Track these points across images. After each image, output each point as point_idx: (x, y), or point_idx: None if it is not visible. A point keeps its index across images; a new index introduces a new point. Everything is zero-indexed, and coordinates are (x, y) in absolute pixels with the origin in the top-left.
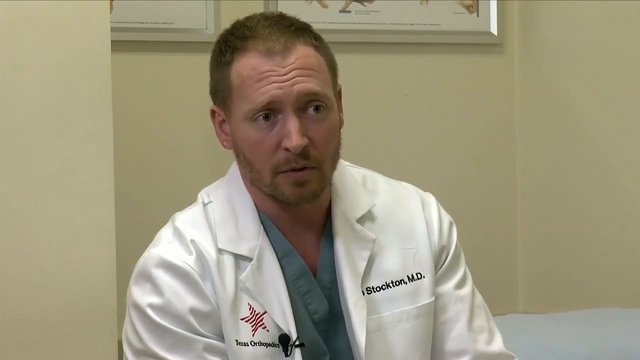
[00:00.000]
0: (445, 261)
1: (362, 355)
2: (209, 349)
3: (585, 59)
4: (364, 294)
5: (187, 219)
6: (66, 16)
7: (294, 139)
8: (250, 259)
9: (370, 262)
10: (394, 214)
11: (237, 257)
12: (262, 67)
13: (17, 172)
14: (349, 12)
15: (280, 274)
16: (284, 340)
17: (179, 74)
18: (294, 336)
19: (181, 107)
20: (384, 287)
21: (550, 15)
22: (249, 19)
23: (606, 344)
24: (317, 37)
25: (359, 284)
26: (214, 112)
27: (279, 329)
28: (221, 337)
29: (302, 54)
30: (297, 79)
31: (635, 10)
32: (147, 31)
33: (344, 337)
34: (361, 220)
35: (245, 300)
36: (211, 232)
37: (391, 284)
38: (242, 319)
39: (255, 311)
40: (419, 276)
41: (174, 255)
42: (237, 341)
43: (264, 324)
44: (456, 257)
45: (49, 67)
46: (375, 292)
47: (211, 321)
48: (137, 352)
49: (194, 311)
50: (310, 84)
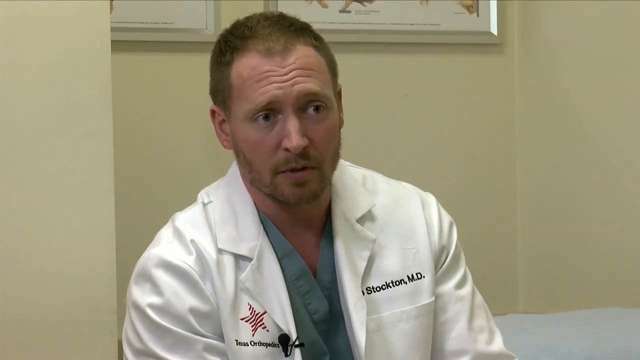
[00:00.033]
0: (445, 261)
1: (362, 355)
2: (209, 349)
3: (585, 59)
4: (364, 294)
5: (187, 219)
6: (66, 16)
7: (294, 139)
8: (250, 259)
9: (370, 262)
10: (394, 214)
11: (237, 257)
12: (262, 67)
13: (17, 172)
14: (349, 12)
15: (280, 274)
16: (284, 340)
17: (179, 74)
18: (294, 336)
19: (181, 107)
20: (384, 287)
21: (550, 15)
22: (249, 19)
23: (606, 344)
24: (317, 37)
25: (359, 284)
26: (214, 112)
27: (279, 329)
28: (221, 337)
29: (302, 54)
30: (297, 79)
31: (635, 10)
32: (147, 31)
33: (344, 337)
34: (361, 220)
35: (245, 300)
36: (211, 232)
37: (391, 284)
38: (242, 319)
39: (255, 311)
40: (419, 276)
41: (174, 255)
42: (237, 341)
43: (263, 324)
44: (456, 257)
45: (49, 67)
46: (375, 292)
47: (211, 321)
48: (137, 352)
49: (193, 311)
50: (310, 84)
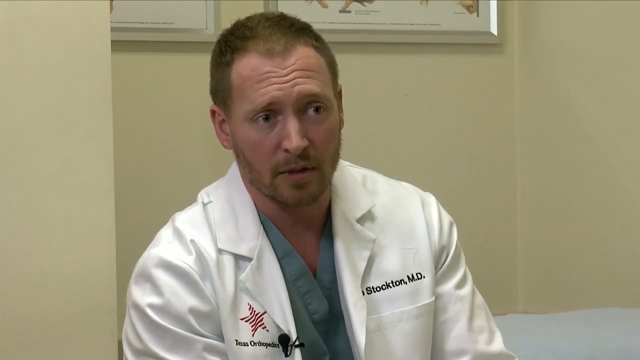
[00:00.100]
0: (445, 261)
1: (362, 355)
2: (209, 349)
3: (585, 59)
4: (364, 294)
5: (187, 219)
6: (66, 16)
7: (294, 140)
8: (250, 259)
9: (370, 262)
10: (394, 214)
11: (237, 257)
12: (263, 68)
13: (17, 172)
14: (349, 12)
15: (280, 274)
16: (284, 340)
17: (179, 74)
18: (294, 336)
19: (181, 107)
20: (384, 287)
21: (550, 15)
22: (250, 19)
23: (606, 344)
24: (317, 38)
25: (359, 284)
26: (214, 112)
27: (279, 329)
28: (221, 337)
29: (303, 54)
30: (297, 80)
31: (635, 10)
32: (147, 31)
33: (344, 337)
34: (361, 220)
35: (245, 300)
36: (211, 232)
37: (391, 284)
38: (242, 319)
39: (255, 311)
40: (419, 276)
41: (173, 255)
42: (236, 341)
43: (263, 324)
44: (456, 257)
45: (49, 67)
46: (375, 292)
47: (211, 321)
48: (137, 352)
49: (193, 311)
50: (310, 85)
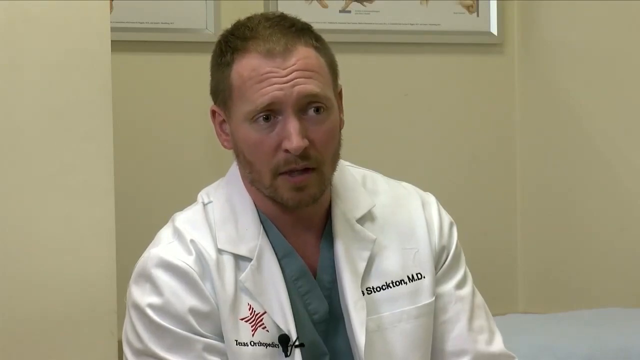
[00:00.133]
0: (445, 261)
1: (362, 355)
2: (209, 349)
3: (585, 59)
4: (364, 294)
5: (187, 219)
6: (66, 16)
7: (294, 141)
8: (250, 259)
9: (370, 262)
10: (394, 214)
11: (237, 258)
12: (263, 68)
13: (17, 172)
14: (349, 12)
15: (280, 274)
16: (284, 340)
17: (179, 74)
18: (294, 336)
19: (181, 107)
20: (384, 287)
21: (550, 15)
22: (250, 19)
23: (606, 344)
24: (318, 38)
25: (359, 284)
26: (214, 112)
27: (279, 329)
28: (221, 337)
29: (303, 55)
30: (297, 80)
31: (635, 10)
32: (147, 31)
33: (344, 337)
34: (361, 220)
35: (245, 300)
36: (211, 232)
37: (391, 284)
38: (242, 319)
39: (255, 311)
40: (419, 276)
41: (173, 255)
42: (236, 341)
43: (263, 324)
44: (456, 257)
45: (49, 67)
46: (375, 292)
47: (211, 321)
48: (137, 352)
49: (193, 311)
50: (310, 86)
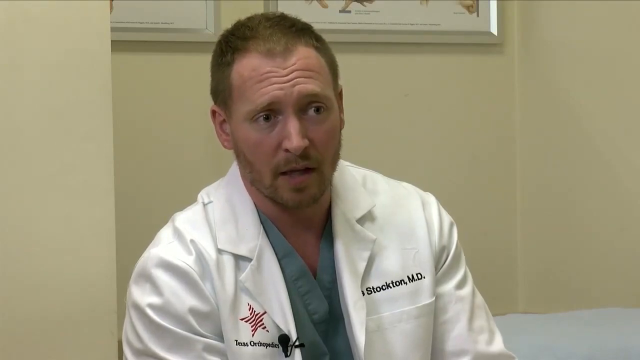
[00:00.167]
0: (445, 261)
1: (362, 355)
2: (209, 349)
3: (585, 59)
4: (364, 294)
5: (187, 219)
6: (66, 16)
7: (294, 140)
8: (250, 259)
9: (370, 262)
10: (394, 214)
11: (237, 258)
12: (263, 68)
13: (17, 172)
14: (349, 12)
15: (280, 274)
16: (284, 340)
17: (179, 74)
18: (294, 336)
19: (181, 107)
20: (384, 287)
21: (550, 15)
22: (250, 19)
23: (606, 344)
24: (318, 38)
25: (359, 284)
26: (214, 112)
27: (279, 329)
28: (221, 337)
29: (303, 55)
30: (297, 80)
31: (635, 10)
32: (147, 31)
33: (344, 337)
34: (361, 220)
35: (245, 300)
36: (211, 232)
37: (391, 284)
38: (242, 319)
39: (255, 311)
40: (419, 276)
41: (173, 255)
42: (236, 341)
43: (263, 324)
44: (456, 257)
45: (49, 67)
46: (375, 292)
47: (211, 321)
48: (136, 352)
49: (193, 311)
50: (310, 85)
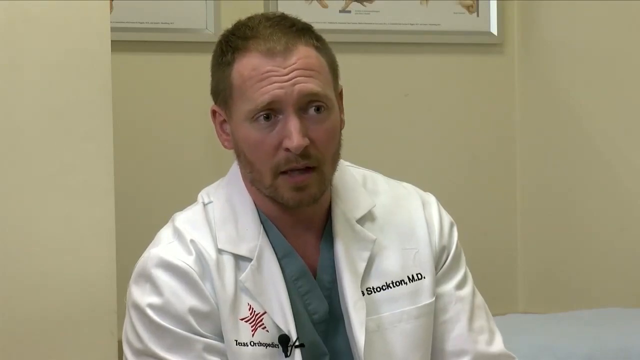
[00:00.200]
0: (445, 261)
1: (362, 355)
2: (209, 349)
3: (585, 59)
4: (363, 294)
5: (187, 219)
6: (66, 16)
7: (295, 139)
8: (250, 259)
9: (370, 262)
10: (394, 214)
11: (237, 258)
12: (264, 68)
13: (17, 172)
14: (349, 12)
15: (280, 274)
16: (284, 340)
17: (179, 74)
18: (294, 336)
19: (181, 107)
20: (384, 287)
21: (550, 15)
22: (251, 19)
23: (606, 344)
24: (318, 38)
25: (359, 284)
26: (214, 112)
27: (279, 329)
28: (221, 337)
29: (304, 54)
30: (298, 79)
31: (635, 10)
32: (147, 31)
33: (344, 337)
34: (361, 220)
35: (245, 300)
36: (211, 232)
37: (391, 285)
38: (242, 319)
39: (255, 311)
40: (419, 276)
41: (173, 255)
42: (236, 341)
43: (263, 324)
44: (457, 257)
45: (49, 67)
46: (375, 292)
47: (211, 321)
48: (136, 352)
49: (193, 311)
50: (311, 85)
